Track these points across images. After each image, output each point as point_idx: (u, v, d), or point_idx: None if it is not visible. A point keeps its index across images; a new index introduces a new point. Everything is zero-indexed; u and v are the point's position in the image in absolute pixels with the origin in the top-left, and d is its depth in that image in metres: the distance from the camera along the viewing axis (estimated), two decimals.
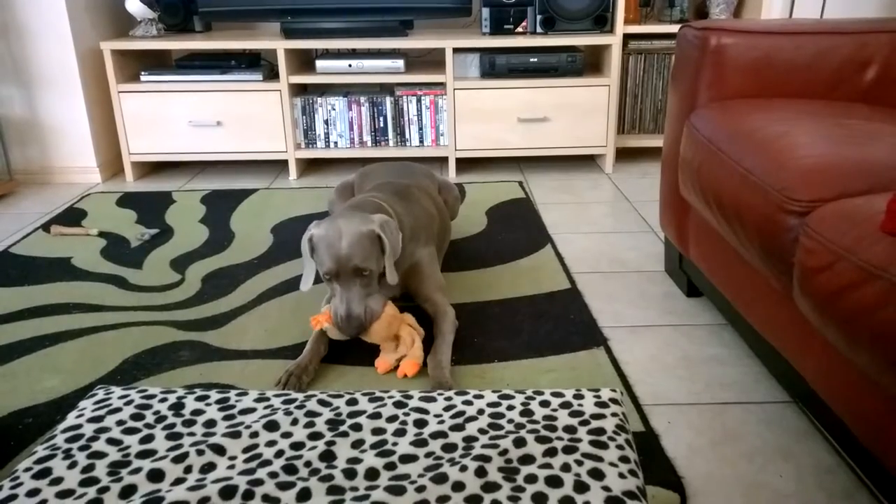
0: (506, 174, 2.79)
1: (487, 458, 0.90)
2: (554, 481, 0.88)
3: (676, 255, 1.78)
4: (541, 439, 0.95)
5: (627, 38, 2.72)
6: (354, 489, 0.87)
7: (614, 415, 1.01)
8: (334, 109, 2.73)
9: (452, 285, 1.80)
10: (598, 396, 1.06)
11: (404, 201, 1.61)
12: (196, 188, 2.68)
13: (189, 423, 1.01)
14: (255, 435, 0.97)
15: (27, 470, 0.91)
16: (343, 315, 1.37)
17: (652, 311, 1.68)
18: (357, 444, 0.96)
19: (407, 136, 2.77)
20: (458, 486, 0.86)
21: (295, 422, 1.01)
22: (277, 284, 1.83)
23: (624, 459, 0.92)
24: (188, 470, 0.91)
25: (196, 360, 1.48)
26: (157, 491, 0.87)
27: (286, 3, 2.66)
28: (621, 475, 0.89)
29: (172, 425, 1.01)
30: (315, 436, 0.98)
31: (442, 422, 1.00)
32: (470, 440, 0.96)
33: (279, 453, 0.94)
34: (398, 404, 1.05)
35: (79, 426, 1.00)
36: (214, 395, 1.08)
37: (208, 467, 0.92)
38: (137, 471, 0.90)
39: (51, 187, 2.73)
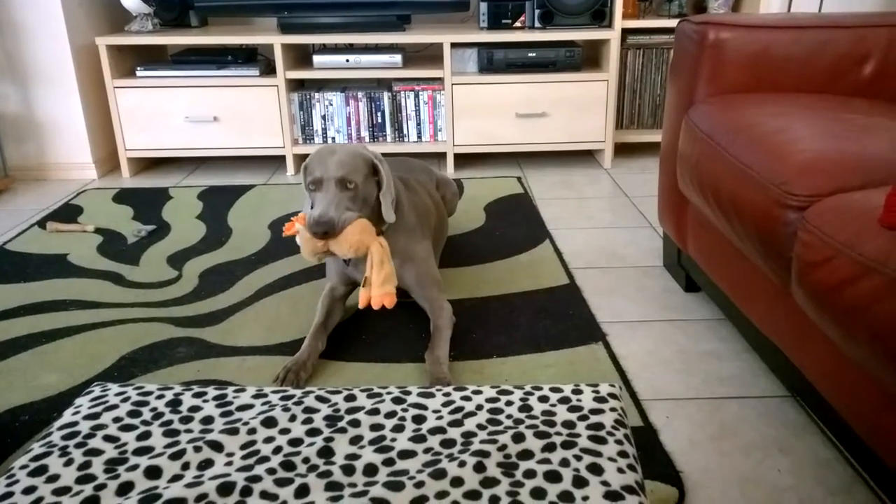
0: (504, 170, 2.79)
1: (486, 454, 0.90)
2: (553, 476, 0.88)
3: (675, 250, 1.78)
4: (539, 434, 0.95)
5: (626, 32, 2.71)
6: (353, 485, 0.87)
7: (613, 410, 1.01)
8: (332, 105, 2.73)
9: (451, 281, 1.80)
10: (597, 392, 1.06)
11: (405, 190, 1.62)
12: (193, 184, 2.67)
13: (186, 419, 1.01)
14: (252, 431, 0.97)
15: (23, 467, 0.91)
16: (316, 215, 1.35)
17: (650, 306, 1.68)
18: (355, 441, 0.96)
19: (405, 131, 2.76)
20: (457, 482, 0.86)
21: (293, 418, 1.00)
22: (275, 280, 1.82)
23: (623, 454, 0.92)
24: (185, 467, 0.91)
25: (193, 356, 1.48)
26: (154, 488, 0.87)
27: None
28: (620, 470, 0.89)
29: (170, 422, 1.00)
30: (313, 432, 0.98)
31: (440, 417, 1.00)
32: (468, 436, 0.96)
33: (277, 450, 0.94)
34: (396, 400, 1.04)
35: (75, 423, 1.00)
36: (212, 391, 1.08)
37: (206, 464, 0.91)
38: (134, 468, 0.90)
39: (47, 183, 2.72)
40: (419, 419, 1.00)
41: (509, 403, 1.03)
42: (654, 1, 2.84)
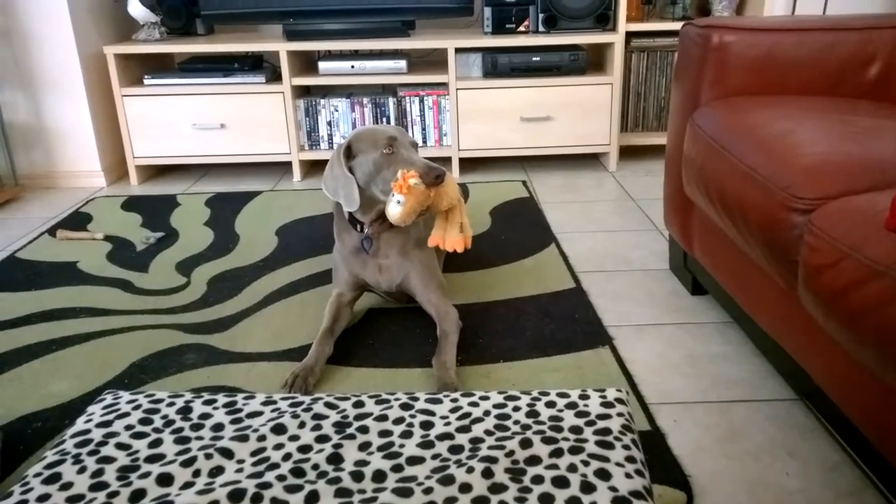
0: (509, 174, 2.79)
1: (494, 460, 0.91)
2: (560, 482, 0.88)
3: (681, 254, 1.78)
4: (547, 440, 0.95)
5: (630, 35, 2.71)
6: (362, 491, 0.88)
7: (620, 415, 1.02)
8: (337, 111, 2.74)
9: (457, 285, 1.81)
10: (604, 397, 1.06)
11: None
12: (200, 191, 2.69)
13: (197, 427, 1.02)
14: (262, 438, 0.98)
15: (37, 475, 0.92)
16: (424, 163, 1.41)
17: (657, 310, 1.68)
18: (364, 447, 0.97)
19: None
20: (465, 488, 0.86)
21: (302, 425, 1.01)
22: (283, 286, 1.84)
23: (630, 459, 0.92)
24: (197, 474, 0.91)
25: (202, 363, 1.49)
26: (166, 495, 0.88)
27: (288, 5, 2.66)
28: (628, 475, 0.89)
29: (181, 429, 1.01)
30: (322, 438, 0.98)
31: (448, 423, 1.01)
32: (476, 441, 0.97)
33: (287, 456, 0.95)
34: (404, 406, 1.05)
35: (88, 431, 1.01)
36: (222, 398, 1.09)
37: (217, 471, 0.92)
38: (146, 475, 0.91)
39: (56, 192, 2.74)
40: (427, 425, 1.01)
41: (517, 409, 1.04)
42: (657, 4, 2.84)
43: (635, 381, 1.39)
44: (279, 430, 1.00)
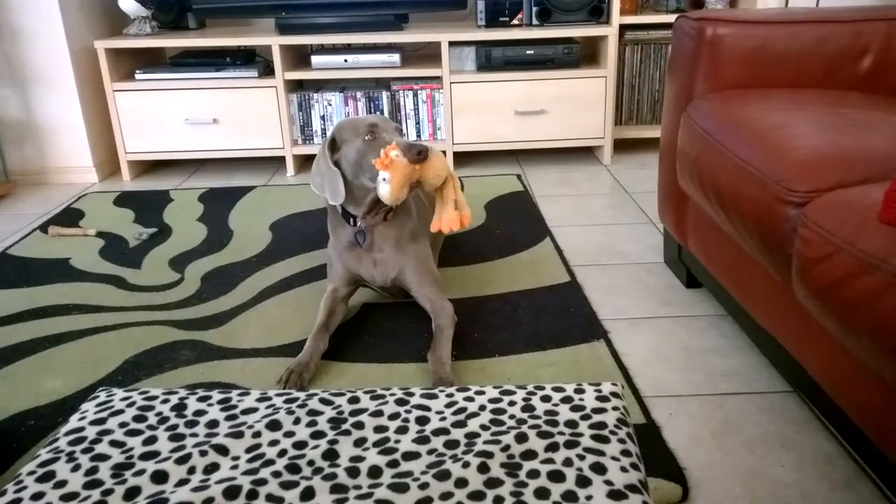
0: (504, 167, 2.79)
1: (490, 454, 0.91)
2: (556, 476, 0.88)
3: (675, 247, 1.78)
4: (542, 434, 0.95)
5: (624, 28, 2.71)
6: (358, 487, 0.88)
7: (615, 408, 1.02)
8: (330, 105, 2.73)
9: (452, 280, 1.80)
10: (599, 390, 1.06)
11: None
12: (193, 186, 2.67)
13: (191, 423, 1.02)
14: (257, 435, 0.98)
15: (31, 473, 0.91)
16: (405, 140, 1.40)
17: (652, 303, 1.68)
18: (359, 443, 0.96)
19: (404, 130, 2.76)
20: (461, 483, 0.86)
21: (297, 421, 1.01)
22: (277, 282, 1.83)
23: (625, 453, 0.92)
24: (192, 471, 0.91)
25: (197, 359, 1.48)
26: (161, 492, 0.87)
27: None
28: (623, 469, 0.89)
29: (175, 426, 1.01)
30: (317, 434, 0.98)
31: (444, 418, 1.01)
32: (472, 436, 0.96)
33: (282, 453, 0.95)
34: (400, 401, 1.05)
35: (81, 429, 1.00)
36: (216, 395, 1.08)
37: (211, 468, 0.92)
38: (141, 472, 0.91)
39: (48, 188, 2.72)
40: (423, 420, 1.01)
41: (512, 403, 1.04)
42: None
43: (630, 374, 1.40)
44: (274, 426, 0.99)
